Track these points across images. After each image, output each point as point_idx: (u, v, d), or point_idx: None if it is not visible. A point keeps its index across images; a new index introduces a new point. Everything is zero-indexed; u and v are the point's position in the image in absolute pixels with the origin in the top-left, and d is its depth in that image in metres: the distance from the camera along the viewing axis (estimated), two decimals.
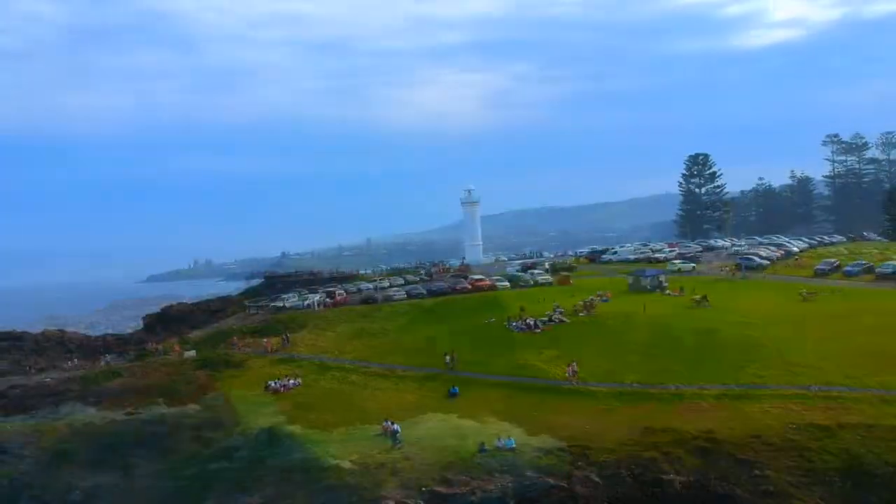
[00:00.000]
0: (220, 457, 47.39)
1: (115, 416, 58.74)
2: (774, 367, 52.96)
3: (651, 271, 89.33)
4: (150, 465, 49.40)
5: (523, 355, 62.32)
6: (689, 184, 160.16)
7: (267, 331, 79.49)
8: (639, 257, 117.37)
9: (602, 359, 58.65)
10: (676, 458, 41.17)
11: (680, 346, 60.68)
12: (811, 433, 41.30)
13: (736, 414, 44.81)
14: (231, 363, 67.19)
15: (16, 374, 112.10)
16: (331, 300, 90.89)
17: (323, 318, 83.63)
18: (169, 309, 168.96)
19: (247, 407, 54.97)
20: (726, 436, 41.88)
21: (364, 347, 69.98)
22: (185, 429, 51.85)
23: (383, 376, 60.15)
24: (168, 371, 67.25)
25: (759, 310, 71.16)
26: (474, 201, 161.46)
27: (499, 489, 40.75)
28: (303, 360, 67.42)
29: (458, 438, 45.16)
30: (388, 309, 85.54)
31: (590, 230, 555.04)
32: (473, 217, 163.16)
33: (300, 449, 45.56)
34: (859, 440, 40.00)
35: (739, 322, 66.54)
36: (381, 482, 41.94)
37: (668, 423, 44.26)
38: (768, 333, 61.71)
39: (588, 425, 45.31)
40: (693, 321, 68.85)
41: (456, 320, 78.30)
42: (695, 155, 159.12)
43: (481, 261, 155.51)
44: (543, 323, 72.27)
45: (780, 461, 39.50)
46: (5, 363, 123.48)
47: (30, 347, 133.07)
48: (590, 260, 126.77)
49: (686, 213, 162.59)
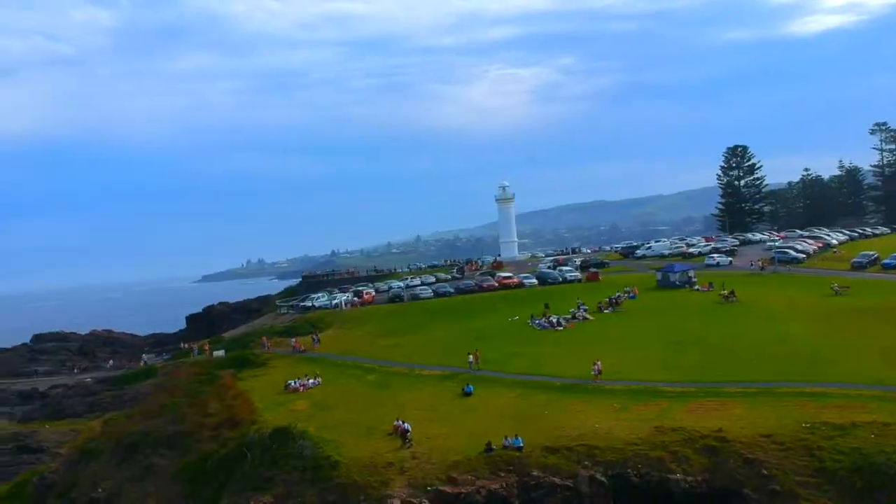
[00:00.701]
0: (235, 456, 48.16)
1: (141, 415, 60.24)
2: (795, 363, 51.88)
3: (679, 266, 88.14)
4: (170, 464, 50.56)
5: (542, 353, 62.26)
6: (728, 176, 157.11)
7: (294, 330, 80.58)
8: (673, 252, 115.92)
9: (622, 356, 58.14)
10: (684, 457, 40.61)
11: (703, 343, 60.00)
12: (824, 432, 40.25)
13: (749, 412, 43.86)
14: (255, 363, 68.41)
15: (60, 374, 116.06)
16: (358, 299, 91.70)
17: (350, 317, 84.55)
18: (211, 309, 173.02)
19: (265, 406, 55.73)
20: (736, 435, 41.08)
21: (387, 346, 70.53)
22: (205, 428, 52.82)
23: (402, 375, 60.51)
24: (195, 371, 68.71)
25: (786, 305, 70.03)
26: (508, 198, 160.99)
27: (504, 488, 40.70)
28: (325, 359, 68.26)
29: (467, 437, 45.16)
30: (415, 307, 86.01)
31: (641, 223, 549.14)
32: (508, 214, 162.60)
33: (311, 447, 45.96)
34: (873, 439, 38.84)
35: (764, 318, 65.56)
36: (389, 481, 42.22)
37: (680, 422, 43.59)
38: (792, 329, 60.68)
39: (598, 424, 44.85)
40: (718, 317, 68.09)
41: (481, 318, 78.49)
42: (733, 147, 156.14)
43: (517, 257, 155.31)
44: (567, 320, 71.99)
45: (790, 460, 38.65)
46: (52, 363, 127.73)
47: (75, 348, 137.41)
48: (624, 256, 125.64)
49: (726, 206, 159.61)
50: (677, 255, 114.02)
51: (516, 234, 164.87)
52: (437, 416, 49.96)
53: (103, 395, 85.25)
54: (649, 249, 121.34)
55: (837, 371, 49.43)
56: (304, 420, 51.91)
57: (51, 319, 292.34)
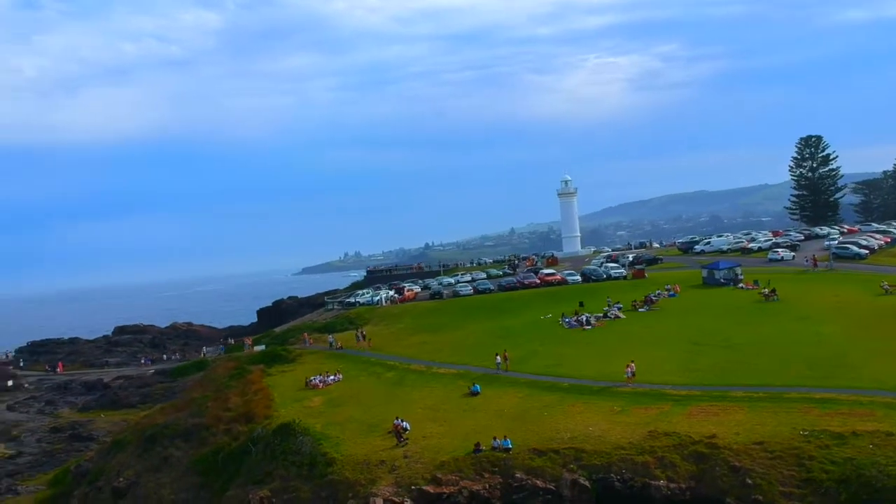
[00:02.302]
0: (244, 449, 49.82)
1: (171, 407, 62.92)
2: (816, 367, 49.62)
3: (725, 264, 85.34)
4: (185, 456, 52.69)
5: (563, 352, 61.64)
6: (801, 168, 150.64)
7: (331, 327, 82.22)
8: (733, 248, 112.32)
9: (640, 357, 56.76)
10: (671, 463, 39.64)
11: (726, 345, 58.15)
12: (821, 440, 38.49)
13: (749, 418, 42.34)
14: (286, 358, 70.17)
15: (130, 366, 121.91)
16: (399, 296, 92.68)
17: (387, 314, 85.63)
18: (280, 303, 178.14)
19: (283, 402, 57.34)
20: (728, 441, 39.77)
21: (414, 344, 71.18)
22: (221, 422, 54.73)
23: (419, 373, 60.96)
24: (232, 366, 71.03)
25: (828, 304, 67.00)
26: (571, 192, 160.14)
27: (486, 490, 40.70)
28: (353, 355, 69.46)
29: (461, 438, 45.32)
30: (453, 305, 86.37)
31: (743, 214, 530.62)
32: (570, 208, 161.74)
33: (311, 444, 47.09)
34: (870, 450, 36.91)
35: (800, 318, 63.01)
36: (377, 479, 42.82)
37: (675, 427, 42.47)
38: (824, 330, 58.07)
39: (593, 426, 44.24)
40: (752, 317, 65.85)
41: (514, 316, 78.22)
42: (806, 137, 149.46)
43: (578, 253, 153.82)
44: (598, 319, 70.97)
45: (778, 469, 37.17)
46: (124, 355, 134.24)
47: (148, 340, 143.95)
48: (683, 251, 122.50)
49: (799, 199, 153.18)
50: (737, 251, 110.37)
51: (578, 229, 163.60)
52: (439, 415, 50.27)
53: (157, 386, 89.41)
54: (708, 245, 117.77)
55: (858, 376, 47.02)
56: (315, 416, 53.24)
57: (167, 309, 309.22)
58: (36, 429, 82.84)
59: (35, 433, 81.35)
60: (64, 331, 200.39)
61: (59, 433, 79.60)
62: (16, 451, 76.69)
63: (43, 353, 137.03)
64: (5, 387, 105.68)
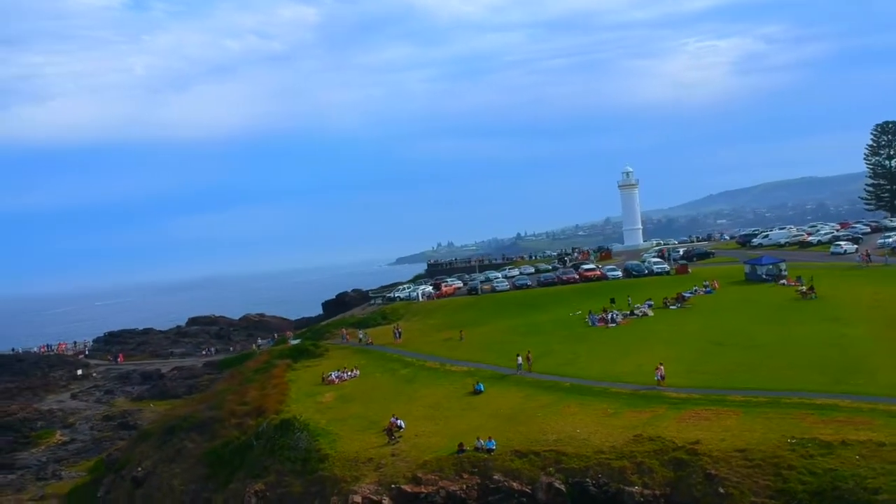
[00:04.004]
0: (248, 443, 51.35)
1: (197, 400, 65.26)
2: (829, 370, 47.39)
3: (767, 259, 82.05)
4: (197, 447, 54.67)
5: (579, 351, 60.88)
6: (877, 156, 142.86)
7: (365, 322, 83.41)
8: (791, 241, 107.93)
9: (654, 357, 55.50)
10: (648, 469, 38.73)
11: (746, 345, 56.17)
12: (807, 449, 36.80)
13: (739, 424, 40.80)
14: (313, 353, 71.72)
15: (193, 357, 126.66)
16: (437, 291, 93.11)
17: (421, 309, 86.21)
18: (343, 296, 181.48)
19: (298, 397, 58.71)
20: (710, 448, 38.52)
21: (438, 341, 71.57)
22: (234, 415, 56.50)
23: (433, 370, 61.29)
24: (263, 360, 73.13)
25: (867, 303, 63.66)
26: (632, 184, 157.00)
27: (463, 491, 40.75)
28: (378, 351, 70.41)
29: (451, 437, 45.42)
30: (487, 300, 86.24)
31: (850, 201, 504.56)
32: (632, 200, 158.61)
33: (307, 440, 48.21)
34: (856, 461, 35.10)
35: (831, 317, 60.19)
36: (362, 476, 43.49)
37: (662, 431, 41.41)
38: (851, 332, 55.29)
39: (580, 429, 43.59)
40: (782, 315, 63.43)
41: (544, 312, 77.66)
42: (883, 124, 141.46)
43: (640, 246, 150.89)
44: (624, 316, 69.70)
45: (753, 479, 35.80)
46: (190, 345, 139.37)
47: (213, 331, 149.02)
48: (741, 244, 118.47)
49: (875, 188, 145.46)
50: (795, 245, 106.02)
51: (640, 221, 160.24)
52: (438, 413, 50.54)
53: (203, 378, 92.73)
54: (766, 238, 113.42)
55: (870, 381, 44.59)
56: (323, 412, 54.42)
57: (259, 300, 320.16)
58: (91, 416, 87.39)
59: (89, 421, 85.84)
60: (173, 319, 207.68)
61: (109, 421, 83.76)
62: (69, 437, 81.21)
63: (115, 344, 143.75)
64: (76, 375, 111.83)
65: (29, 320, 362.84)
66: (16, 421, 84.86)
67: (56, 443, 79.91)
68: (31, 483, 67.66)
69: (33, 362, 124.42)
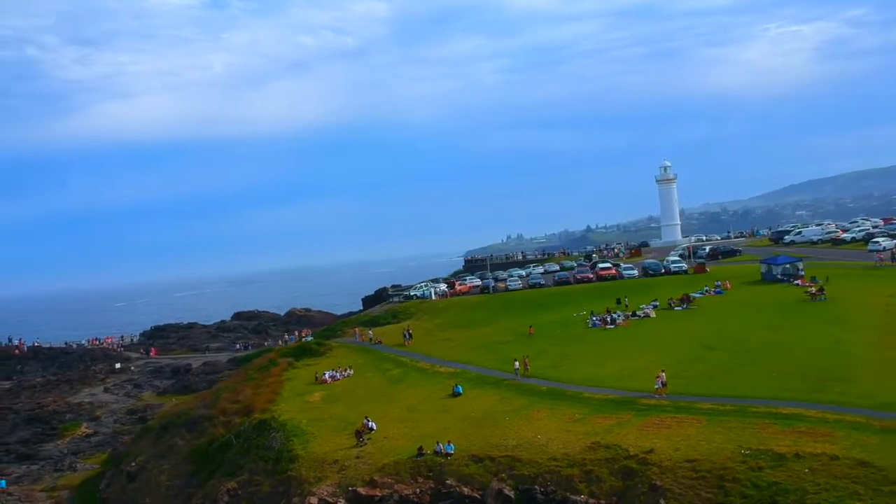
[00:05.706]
0: (228, 442, 52.57)
1: (197, 398, 66.98)
2: (810, 378, 45.84)
3: (783, 259, 79.58)
4: (185, 445, 56.21)
5: (569, 353, 60.33)
6: None
7: (375, 321, 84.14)
8: (824, 239, 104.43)
9: (640, 361, 54.80)
10: (597, 477, 38.22)
11: (737, 349, 54.88)
12: (757, 461, 35.74)
13: (699, 433, 39.80)
14: (316, 352, 72.71)
15: (227, 352, 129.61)
16: (450, 290, 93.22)
17: (431, 308, 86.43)
18: (382, 291, 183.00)
19: (288, 396, 59.75)
20: (661, 458, 37.78)
21: (439, 340, 71.68)
22: (223, 414, 57.86)
23: (422, 371, 61.49)
24: (268, 357, 74.54)
25: (876, 306, 61.29)
26: (670, 178, 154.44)
27: (416, 495, 40.98)
28: (379, 351, 70.92)
29: (415, 440, 45.61)
30: (497, 300, 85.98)
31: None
32: (670, 195, 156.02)
33: (280, 440, 49.11)
34: (805, 474, 33.98)
35: (832, 321, 58.23)
36: (324, 478, 44.15)
37: (620, 439, 40.74)
38: (847, 337, 53.34)
39: (541, 434, 43.29)
40: (784, 318, 61.62)
41: (550, 313, 77.11)
42: None
43: (678, 241, 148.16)
44: (626, 318, 68.74)
45: (695, 491, 35.01)
46: (227, 340, 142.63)
47: (252, 326, 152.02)
48: (774, 241, 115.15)
49: None
50: (828, 242, 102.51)
51: (678, 217, 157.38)
52: (412, 415, 50.77)
53: (224, 373, 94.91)
54: (799, 235, 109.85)
55: (846, 390, 42.99)
56: (307, 411, 55.30)
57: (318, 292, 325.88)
58: (117, 410, 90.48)
59: (114, 414, 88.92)
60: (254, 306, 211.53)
61: (132, 415, 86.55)
62: (93, 430, 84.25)
63: (159, 338, 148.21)
64: (114, 369, 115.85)
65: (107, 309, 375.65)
66: (46, 413, 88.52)
67: (80, 435, 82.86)
68: (48, 474, 70.28)
69: (78, 356, 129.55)
